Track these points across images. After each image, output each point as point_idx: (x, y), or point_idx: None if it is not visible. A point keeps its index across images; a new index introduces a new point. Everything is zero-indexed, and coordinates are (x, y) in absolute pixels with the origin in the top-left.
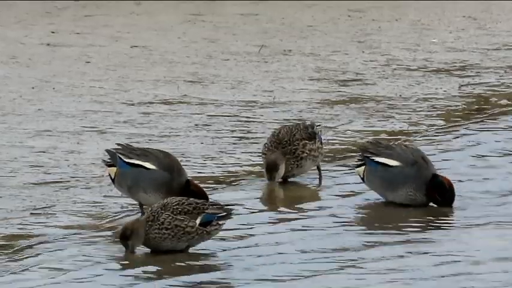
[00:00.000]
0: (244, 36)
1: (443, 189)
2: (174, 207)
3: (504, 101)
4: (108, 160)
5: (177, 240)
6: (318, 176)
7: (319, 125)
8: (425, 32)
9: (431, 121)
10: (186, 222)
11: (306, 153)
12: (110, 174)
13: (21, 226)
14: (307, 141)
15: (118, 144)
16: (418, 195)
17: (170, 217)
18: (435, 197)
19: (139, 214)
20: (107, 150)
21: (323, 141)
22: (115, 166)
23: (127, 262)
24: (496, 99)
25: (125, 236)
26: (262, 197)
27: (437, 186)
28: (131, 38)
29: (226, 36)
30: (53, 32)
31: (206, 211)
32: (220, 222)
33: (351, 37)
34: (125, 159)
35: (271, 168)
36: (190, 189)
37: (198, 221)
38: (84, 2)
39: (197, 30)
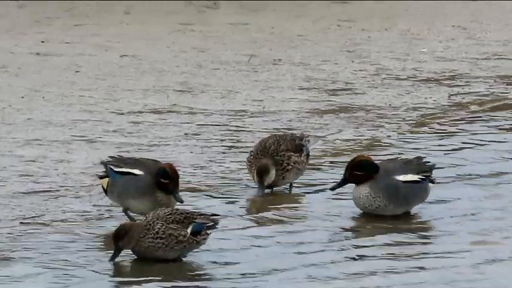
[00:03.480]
0: (234, 45)
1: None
2: (167, 216)
3: (475, 107)
4: (102, 173)
5: (169, 250)
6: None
7: (308, 136)
8: (414, 42)
9: (419, 129)
10: (178, 232)
11: (291, 165)
12: (102, 186)
13: (10, 235)
14: (292, 153)
15: (110, 157)
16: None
17: (164, 226)
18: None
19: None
20: (102, 162)
21: (310, 152)
22: (107, 177)
23: (118, 271)
24: (476, 106)
25: (118, 235)
26: (249, 206)
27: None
28: (121, 48)
29: (215, 45)
30: (42, 42)
31: (195, 221)
32: (208, 232)
33: (341, 47)
34: (115, 169)
35: (262, 171)
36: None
37: (189, 230)
38: (74, 11)
39: (187, 39)
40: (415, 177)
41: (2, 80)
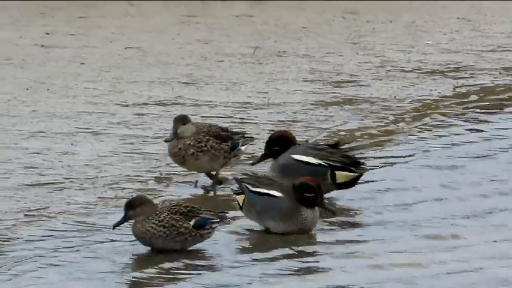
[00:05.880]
0: (239, 37)
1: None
2: (172, 207)
3: (473, 97)
4: (237, 188)
5: (169, 240)
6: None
7: (246, 137)
8: (419, 34)
9: (424, 122)
10: (180, 223)
11: (207, 148)
12: (238, 202)
13: (15, 227)
14: (211, 138)
15: (244, 174)
16: None
17: (169, 216)
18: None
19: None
20: (235, 178)
21: (240, 151)
22: (243, 194)
23: (125, 263)
24: (476, 97)
25: (131, 205)
26: None
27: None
28: (125, 40)
29: (220, 37)
30: (47, 34)
31: (200, 215)
32: (213, 226)
33: (345, 39)
34: (251, 188)
35: (178, 120)
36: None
37: (191, 223)
38: (78, 3)
39: (191, 31)
40: (311, 160)
41: (6, 72)
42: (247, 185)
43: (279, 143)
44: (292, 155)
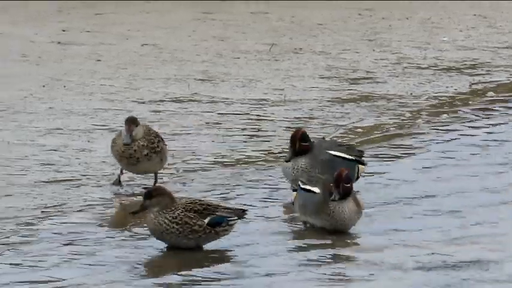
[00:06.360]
0: (254, 34)
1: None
2: (187, 204)
3: (490, 93)
4: (295, 186)
5: (182, 237)
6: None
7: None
8: (435, 31)
9: (440, 118)
10: (194, 221)
11: (160, 149)
12: (293, 198)
13: (32, 224)
14: (161, 139)
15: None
16: None
17: (183, 213)
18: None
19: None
20: (296, 178)
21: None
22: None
23: (139, 261)
24: (493, 94)
25: (150, 195)
26: (277, 195)
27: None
28: (141, 37)
29: (236, 34)
30: (63, 30)
31: (216, 213)
32: (230, 223)
33: (361, 35)
34: (301, 185)
35: (132, 120)
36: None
37: (206, 221)
38: (95, 2)
39: (207, 28)
40: (344, 155)
41: (23, 68)
42: (300, 182)
43: (306, 139)
44: (328, 151)
